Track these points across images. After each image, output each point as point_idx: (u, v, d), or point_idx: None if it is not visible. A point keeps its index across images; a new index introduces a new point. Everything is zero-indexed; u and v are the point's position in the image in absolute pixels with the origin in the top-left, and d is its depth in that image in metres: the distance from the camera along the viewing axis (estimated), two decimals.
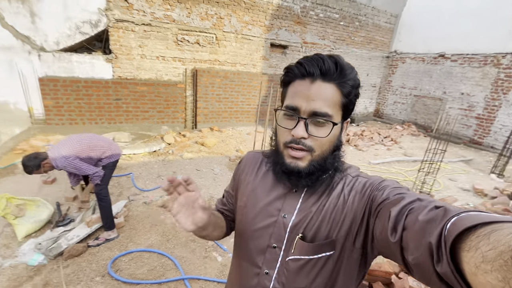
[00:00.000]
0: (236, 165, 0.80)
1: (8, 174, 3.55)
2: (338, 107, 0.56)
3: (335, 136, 0.57)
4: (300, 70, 0.55)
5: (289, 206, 0.62)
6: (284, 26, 7.08)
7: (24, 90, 4.96)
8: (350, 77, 0.55)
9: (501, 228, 0.30)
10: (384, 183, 0.55)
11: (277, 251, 0.62)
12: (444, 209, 0.40)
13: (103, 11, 5.14)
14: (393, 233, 0.44)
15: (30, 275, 2.03)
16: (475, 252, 0.31)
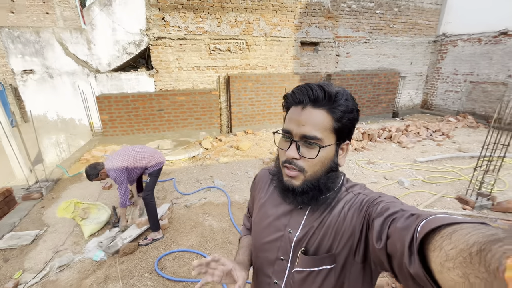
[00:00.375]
0: (252, 181, 0.87)
1: (75, 181, 4.17)
2: (329, 131, 0.59)
3: (327, 158, 0.61)
4: (293, 98, 0.61)
5: (294, 222, 0.67)
6: (314, 23, 6.90)
7: (85, 108, 5.76)
8: (341, 102, 0.59)
9: (461, 229, 0.33)
10: (379, 198, 0.57)
11: (285, 263, 0.67)
12: (417, 215, 0.43)
13: (144, 32, 5.69)
14: (378, 241, 0.48)
15: (94, 269, 2.37)
16: (439, 251, 0.34)
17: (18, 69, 5.25)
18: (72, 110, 5.73)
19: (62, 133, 5.80)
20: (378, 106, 8.26)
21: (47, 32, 5.24)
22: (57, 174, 4.33)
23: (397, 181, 4.03)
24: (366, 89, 7.87)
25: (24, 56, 5.22)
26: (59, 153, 5.89)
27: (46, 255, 2.55)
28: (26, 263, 2.45)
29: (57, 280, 2.26)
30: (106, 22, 5.46)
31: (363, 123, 7.64)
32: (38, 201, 3.55)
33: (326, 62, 7.43)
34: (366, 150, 5.40)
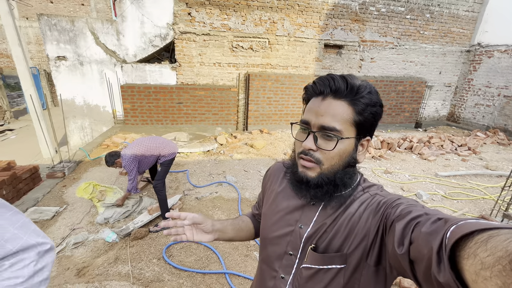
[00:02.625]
0: (265, 173, 0.86)
1: (96, 165, 4.37)
2: (349, 123, 0.57)
3: (345, 151, 0.59)
4: (314, 89, 0.60)
5: (306, 218, 0.65)
6: (340, 25, 6.76)
7: (110, 96, 6.01)
8: (363, 95, 0.56)
9: (498, 234, 0.31)
10: (399, 201, 0.54)
11: (293, 259, 0.66)
12: (445, 220, 0.41)
13: (170, 26, 5.84)
14: (400, 246, 0.45)
15: (106, 250, 2.47)
16: (474, 259, 0.31)
17: (52, 55, 5.57)
18: (97, 97, 6.00)
19: (87, 118, 6.10)
20: (401, 115, 7.95)
21: (81, 22, 5.52)
22: (79, 157, 4.55)
23: (415, 193, 3.87)
24: (389, 97, 7.60)
25: (59, 43, 5.54)
26: (83, 137, 6.19)
27: (63, 231, 2.69)
28: None
29: (72, 256, 2.37)
30: (136, 15, 5.66)
31: (382, 131, 7.39)
32: (60, 180, 3.75)
33: (349, 66, 7.26)
34: (384, 159, 5.22)
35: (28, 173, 3.56)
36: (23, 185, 3.42)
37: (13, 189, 3.22)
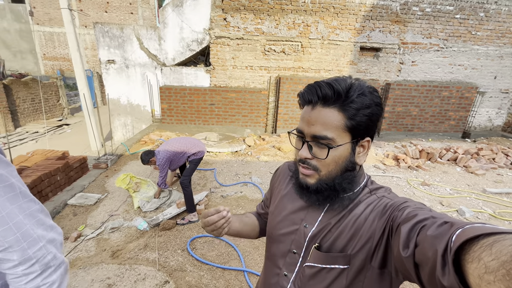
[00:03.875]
0: (274, 173, 0.87)
1: (134, 159, 4.76)
2: (341, 129, 0.57)
3: (341, 157, 0.59)
4: (304, 98, 0.60)
5: (311, 217, 0.66)
6: (378, 27, 6.45)
7: (150, 96, 6.50)
8: (353, 99, 0.55)
9: (503, 239, 0.31)
10: (406, 203, 0.54)
11: (296, 257, 0.67)
12: (451, 223, 0.40)
13: (207, 31, 6.14)
14: (405, 248, 0.45)
15: (137, 236, 2.68)
16: (478, 263, 0.31)
17: (103, 59, 6.22)
18: (139, 97, 6.54)
19: (129, 116, 6.67)
20: (445, 123, 7.27)
21: (128, 29, 6.09)
22: (120, 151, 5.00)
23: (456, 209, 3.51)
24: (432, 103, 7.01)
25: (110, 48, 6.17)
26: (125, 133, 6.78)
27: (103, 217, 2.98)
28: (88, 220, 2.91)
29: (109, 239, 2.62)
30: (176, 21, 6.07)
31: (422, 139, 6.84)
32: (103, 171, 4.17)
33: (386, 70, 6.88)
34: (422, 169, 4.83)
35: (78, 163, 4.01)
36: (74, 173, 3.87)
37: (65, 176, 3.66)
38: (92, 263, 2.20)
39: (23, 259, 0.57)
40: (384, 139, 6.71)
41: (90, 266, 2.16)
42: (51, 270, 0.61)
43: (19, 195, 0.60)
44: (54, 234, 0.64)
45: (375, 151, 5.72)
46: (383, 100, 6.99)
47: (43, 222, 0.62)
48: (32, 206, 0.61)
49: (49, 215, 0.67)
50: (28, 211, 0.60)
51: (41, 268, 0.59)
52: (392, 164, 5.04)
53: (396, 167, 4.97)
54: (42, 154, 4.28)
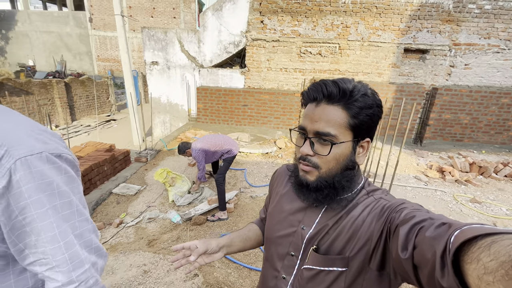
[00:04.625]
0: (272, 175, 0.87)
1: (171, 155, 5.05)
2: (344, 127, 0.57)
3: (342, 155, 0.59)
4: (308, 95, 0.61)
5: (308, 219, 0.66)
6: (426, 27, 5.96)
7: (187, 96, 6.84)
8: (357, 98, 0.56)
9: (502, 239, 0.31)
10: (403, 205, 0.54)
11: (294, 259, 0.67)
12: (449, 224, 0.40)
13: (244, 33, 6.27)
14: (403, 250, 0.45)
15: (171, 228, 2.84)
16: (477, 264, 0.31)
17: (148, 60, 6.72)
18: (177, 96, 6.92)
19: (168, 114, 7.10)
20: (503, 134, 6.44)
21: (171, 32, 6.49)
22: (159, 146, 5.35)
23: None
24: (487, 111, 6.26)
25: (154, 50, 6.64)
26: (163, 130, 7.23)
27: (141, 207, 3.22)
28: (129, 209, 3.16)
29: (146, 228, 2.82)
30: (215, 25, 6.31)
31: (474, 151, 6.13)
32: (143, 164, 4.49)
33: (434, 73, 6.32)
34: (472, 185, 4.33)
35: (122, 155, 4.39)
36: (118, 164, 4.24)
37: (111, 167, 4.03)
38: (131, 249, 2.39)
39: (67, 281, 0.54)
40: (428, 149, 6.17)
41: (129, 252, 2.35)
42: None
43: (75, 213, 0.57)
44: (98, 257, 0.61)
45: (416, 161, 5.29)
46: (428, 106, 6.44)
47: (90, 244, 0.60)
48: (85, 226, 0.59)
49: (98, 235, 0.64)
50: (79, 231, 0.57)
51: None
52: (435, 177, 4.61)
53: (441, 180, 4.54)
54: (93, 146, 4.76)
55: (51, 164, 0.53)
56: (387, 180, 4.25)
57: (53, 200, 0.53)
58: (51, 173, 0.53)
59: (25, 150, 0.50)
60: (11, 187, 0.49)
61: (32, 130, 0.55)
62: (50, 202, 0.52)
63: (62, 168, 0.56)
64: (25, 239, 0.51)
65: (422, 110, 6.52)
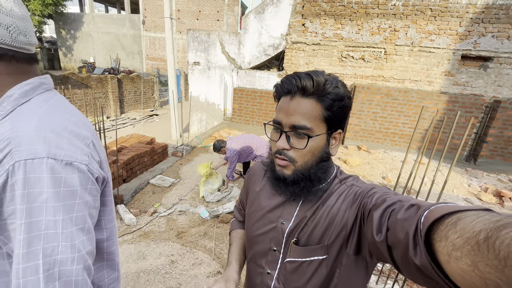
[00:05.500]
0: (247, 173, 0.86)
1: (205, 152, 5.24)
2: (319, 120, 0.58)
3: (317, 147, 0.60)
4: (282, 88, 0.60)
5: (287, 213, 0.67)
6: (491, 32, 5.29)
7: (224, 96, 7.04)
8: (330, 90, 0.57)
9: (466, 216, 0.33)
10: (373, 190, 0.57)
11: (277, 254, 0.68)
12: (417, 206, 0.42)
13: (284, 36, 6.25)
14: (378, 233, 0.47)
15: (199, 223, 2.93)
16: (445, 241, 0.33)
17: (191, 60, 7.08)
18: (215, 96, 7.17)
19: (205, 113, 7.39)
20: None
21: (214, 34, 6.75)
22: (194, 143, 5.59)
23: None
24: None
25: (197, 51, 6.97)
26: (200, 128, 7.55)
27: (174, 199, 3.38)
28: (163, 200, 3.35)
29: (176, 220, 2.96)
30: (256, 27, 6.40)
31: None
32: (179, 159, 4.73)
33: (497, 84, 5.58)
34: None
35: (161, 149, 4.67)
36: (157, 157, 4.53)
37: (150, 159, 4.32)
38: (161, 238, 2.52)
39: None
40: (483, 169, 5.45)
41: (160, 241, 2.48)
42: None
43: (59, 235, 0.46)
44: None
45: (468, 181, 4.71)
46: (486, 120, 5.69)
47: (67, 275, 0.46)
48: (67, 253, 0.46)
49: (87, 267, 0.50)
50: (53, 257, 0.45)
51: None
52: (491, 201, 4.04)
53: (498, 205, 3.97)
54: (136, 137, 5.16)
55: (50, 173, 0.47)
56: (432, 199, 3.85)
57: (36, 214, 0.45)
58: (46, 183, 0.46)
59: (27, 153, 0.46)
60: (6, 189, 0.45)
61: (53, 131, 0.50)
62: (30, 216, 0.44)
63: (61, 180, 0.48)
64: (11, 242, 0.47)
65: (479, 124, 5.79)
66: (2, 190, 0.45)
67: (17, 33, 0.51)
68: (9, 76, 0.52)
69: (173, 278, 2.00)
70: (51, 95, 0.59)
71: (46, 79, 0.59)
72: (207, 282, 2.02)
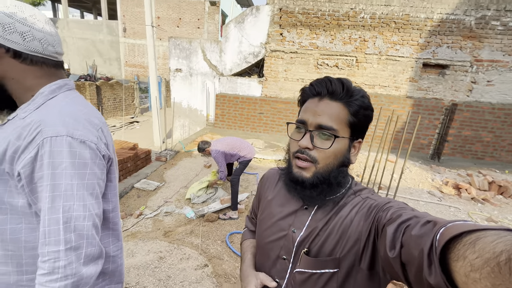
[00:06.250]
0: (260, 179, 0.85)
1: (188, 156, 5.33)
2: (345, 124, 0.60)
3: (340, 151, 0.61)
4: (311, 90, 0.63)
5: (299, 222, 0.66)
6: (447, 43, 5.95)
7: (207, 102, 7.18)
8: (357, 97, 0.60)
9: (485, 236, 0.31)
10: (389, 204, 0.55)
11: (286, 263, 0.66)
12: (434, 222, 0.41)
13: (263, 45, 6.56)
14: (391, 249, 0.45)
15: (185, 223, 3.04)
16: (463, 261, 0.32)
17: (173, 67, 7.17)
18: (197, 102, 7.29)
19: (188, 119, 7.47)
20: None
21: (196, 42, 6.92)
22: (177, 148, 5.66)
23: None
24: (511, 129, 6.05)
25: (179, 58, 7.09)
26: (182, 133, 7.60)
27: (159, 201, 3.46)
28: (148, 202, 3.42)
29: (163, 221, 3.04)
30: (236, 36, 6.66)
31: (496, 170, 5.91)
32: (163, 163, 4.79)
33: (454, 89, 6.23)
34: (490, 204, 4.21)
35: (144, 154, 4.71)
36: (140, 162, 4.56)
37: (134, 164, 4.35)
38: (149, 237, 2.61)
39: (41, 252, 0.59)
40: (445, 165, 6.02)
41: (148, 240, 2.56)
42: (56, 276, 0.58)
43: (75, 196, 0.61)
44: (87, 245, 0.62)
45: (432, 176, 5.20)
46: (446, 122, 6.32)
47: (81, 229, 0.61)
48: (79, 211, 0.61)
49: (95, 224, 0.64)
50: (71, 214, 0.60)
51: (48, 269, 0.58)
52: (451, 193, 4.51)
53: (456, 196, 4.44)
54: (118, 144, 5.14)
55: (68, 148, 0.60)
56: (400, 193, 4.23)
57: (58, 178, 0.59)
58: (65, 155, 0.60)
59: (52, 132, 0.60)
60: (37, 159, 0.59)
61: (73, 117, 0.65)
62: (54, 179, 0.59)
63: (77, 153, 0.62)
64: (39, 203, 0.61)
65: (440, 125, 6.41)
66: (34, 159, 0.59)
67: (46, 44, 0.68)
68: (42, 78, 0.69)
69: (162, 272, 2.11)
70: (71, 93, 0.75)
71: (69, 81, 0.76)
72: (196, 274, 2.15)
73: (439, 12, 5.80)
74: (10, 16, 0.61)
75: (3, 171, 0.61)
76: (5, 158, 0.60)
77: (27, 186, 0.60)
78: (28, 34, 0.63)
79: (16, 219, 0.64)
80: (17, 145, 0.60)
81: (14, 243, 0.64)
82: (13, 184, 0.61)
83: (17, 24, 0.62)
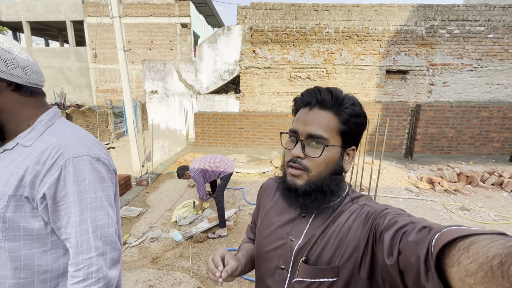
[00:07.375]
0: (259, 189, 0.86)
1: (171, 177, 5.19)
2: (335, 132, 0.60)
3: (331, 159, 0.61)
4: (302, 100, 0.64)
5: (297, 230, 0.66)
6: (404, 51, 6.54)
7: (185, 122, 7.14)
8: (347, 106, 0.60)
9: (479, 240, 0.32)
10: (386, 210, 0.56)
11: (285, 273, 0.65)
12: (429, 228, 0.41)
13: (237, 62, 6.77)
14: (389, 256, 0.45)
15: (173, 247, 2.92)
16: (458, 266, 0.32)
17: (148, 90, 7.11)
18: (176, 122, 7.22)
19: (167, 140, 7.34)
20: (487, 145, 6.77)
21: (170, 64, 6.96)
22: (159, 170, 5.50)
23: None
24: (469, 124, 6.65)
25: (154, 80, 7.06)
26: (163, 155, 7.42)
27: (144, 228, 3.31)
28: (132, 230, 3.25)
29: (149, 247, 2.91)
30: (210, 55, 6.82)
31: (462, 163, 6.40)
32: (145, 187, 4.62)
33: (416, 91, 6.79)
34: (461, 194, 4.53)
35: (124, 180, 4.53)
36: (120, 189, 4.37)
37: None
38: (135, 266, 2.47)
39: (75, 262, 0.65)
40: (418, 162, 6.42)
41: (134, 269, 2.43)
42: (90, 281, 0.65)
43: (99, 207, 0.69)
44: (112, 249, 0.69)
45: (407, 173, 5.51)
46: (414, 122, 6.81)
47: (106, 236, 0.69)
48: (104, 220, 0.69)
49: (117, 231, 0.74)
50: (98, 223, 0.68)
51: (83, 276, 0.64)
52: (426, 188, 4.80)
53: (431, 190, 4.73)
54: None
55: (89, 165, 0.68)
56: (380, 193, 4.42)
57: (83, 193, 0.66)
58: (87, 172, 0.67)
59: (73, 153, 0.66)
60: (60, 179, 0.64)
61: (84, 139, 0.72)
62: (80, 195, 0.66)
63: (96, 169, 0.69)
64: (61, 220, 0.66)
65: (409, 126, 6.89)
66: (58, 180, 0.64)
67: (39, 74, 0.72)
68: (37, 107, 0.72)
69: None
70: (63, 119, 0.78)
71: (57, 109, 0.79)
72: None
73: (394, 24, 6.41)
74: (8, 51, 0.64)
75: (21, 197, 0.63)
76: (23, 183, 0.63)
77: (51, 206, 0.64)
78: (28, 68, 0.68)
79: (28, 244, 0.66)
80: (37, 169, 0.64)
81: (27, 269, 0.66)
82: (29, 209, 0.64)
83: (18, 59, 0.66)
